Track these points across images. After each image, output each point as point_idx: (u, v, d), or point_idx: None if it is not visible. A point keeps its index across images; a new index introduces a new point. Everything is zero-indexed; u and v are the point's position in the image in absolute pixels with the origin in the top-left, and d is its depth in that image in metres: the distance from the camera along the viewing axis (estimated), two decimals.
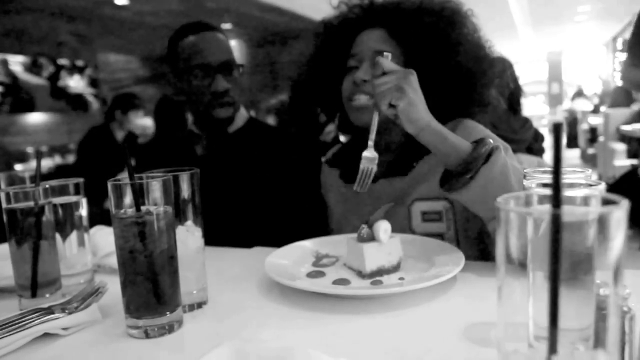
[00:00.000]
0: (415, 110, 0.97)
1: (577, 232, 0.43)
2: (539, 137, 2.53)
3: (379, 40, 1.21)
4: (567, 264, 0.44)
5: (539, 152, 2.52)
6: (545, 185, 0.63)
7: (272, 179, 1.54)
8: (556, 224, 0.38)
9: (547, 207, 0.42)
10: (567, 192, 0.49)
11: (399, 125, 1.02)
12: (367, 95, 1.17)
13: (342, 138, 1.56)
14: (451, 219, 1.16)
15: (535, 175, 0.67)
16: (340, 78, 1.27)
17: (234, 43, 8.77)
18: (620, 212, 0.42)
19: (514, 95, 2.43)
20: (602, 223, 0.42)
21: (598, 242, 0.43)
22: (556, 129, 0.37)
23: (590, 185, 0.59)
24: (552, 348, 0.41)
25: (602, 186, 0.57)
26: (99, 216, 1.32)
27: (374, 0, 1.27)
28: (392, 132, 1.27)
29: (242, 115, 1.61)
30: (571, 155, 9.29)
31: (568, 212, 0.40)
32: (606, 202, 0.45)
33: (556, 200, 0.38)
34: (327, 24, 1.34)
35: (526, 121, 2.48)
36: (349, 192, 1.29)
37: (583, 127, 8.91)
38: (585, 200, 0.49)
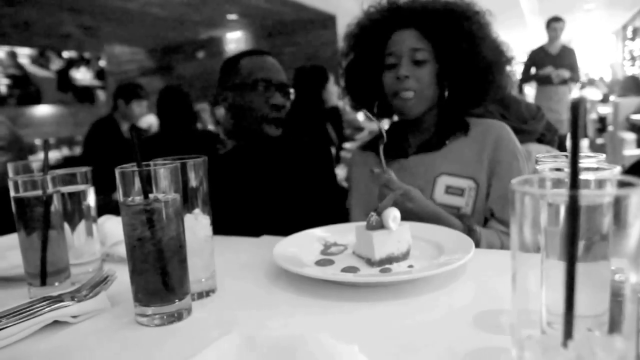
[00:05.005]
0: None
1: (594, 215, 0.42)
2: (551, 128, 2.48)
3: (413, 39, 1.34)
4: (583, 249, 0.43)
5: (550, 143, 2.48)
6: (558, 169, 0.62)
7: (283, 170, 1.56)
8: (573, 205, 0.37)
9: (563, 190, 0.41)
10: (582, 176, 0.48)
11: (435, 109, 1.35)
12: (410, 90, 1.32)
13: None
14: (472, 197, 1.31)
15: (547, 160, 0.66)
16: (377, 74, 1.40)
17: (239, 34, 8.74)
18: (639, 195, 0.40)
19: None
20: (620, 206, 0.41)
21: (615, 226, 0.42)
22: (574, 106, 0.35)
23: (606, 169, 0.57)
24: (568, 333, 0.41)
25: (618, 169, 0.56)
26: (107, 208, 1.32)
27: (401, 5, 1.40)
28: (429, 115, 1.40)
29: None
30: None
31: (585, 194, 0.39)
32: (623, 184, 0.43)
33: (573, 181, 0.37)
34: (361, 26, 1.45)
35: (537, 111, 2.43)
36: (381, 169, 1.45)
37: (592, 116, 8.82)
38: (600, 183, 0.48)
